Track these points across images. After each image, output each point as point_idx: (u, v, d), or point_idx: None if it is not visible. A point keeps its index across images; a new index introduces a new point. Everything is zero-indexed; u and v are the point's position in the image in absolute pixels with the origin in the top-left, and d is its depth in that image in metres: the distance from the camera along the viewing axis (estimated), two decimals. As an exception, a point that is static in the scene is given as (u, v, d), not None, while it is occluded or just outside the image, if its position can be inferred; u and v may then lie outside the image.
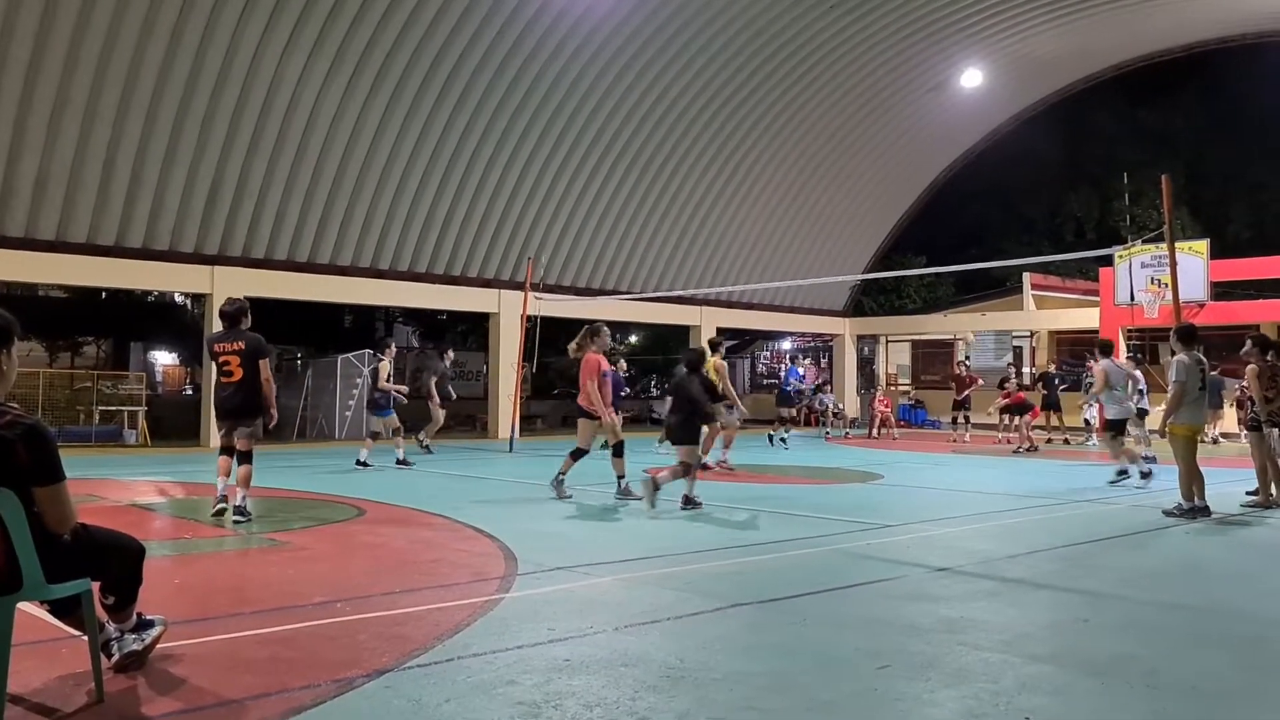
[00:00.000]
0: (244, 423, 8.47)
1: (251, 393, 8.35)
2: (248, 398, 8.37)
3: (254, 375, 8.32)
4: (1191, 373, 9.15)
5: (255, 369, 8.32)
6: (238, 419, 8.47)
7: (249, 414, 8.44)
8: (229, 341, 8.40)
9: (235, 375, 8.36)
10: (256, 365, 8.32)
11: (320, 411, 22.33)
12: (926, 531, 8.38)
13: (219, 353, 8.45)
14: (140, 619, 4.11)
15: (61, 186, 16.85)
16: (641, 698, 3.75)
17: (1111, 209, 38.81)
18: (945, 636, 4.69)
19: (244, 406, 8.41)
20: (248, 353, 8.32)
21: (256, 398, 8.37)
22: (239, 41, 16.97)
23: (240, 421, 8.48)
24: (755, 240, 27.02)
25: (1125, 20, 24.04)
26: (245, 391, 8.35)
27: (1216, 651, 4.57)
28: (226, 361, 8.40)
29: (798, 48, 22.58)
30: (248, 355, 8.32)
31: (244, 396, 8.37)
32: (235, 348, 8.35)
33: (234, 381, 8.38)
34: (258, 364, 8.32)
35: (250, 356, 8.32)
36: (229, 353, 8.38)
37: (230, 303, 8.64)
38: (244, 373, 8.33)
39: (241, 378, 8.34)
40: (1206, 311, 21.46)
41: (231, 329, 8.46)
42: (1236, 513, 9.48)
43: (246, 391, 8.35)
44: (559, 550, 7.05)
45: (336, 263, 20.51)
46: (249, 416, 8.46)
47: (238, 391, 8.39)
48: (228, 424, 8.59)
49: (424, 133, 19.89)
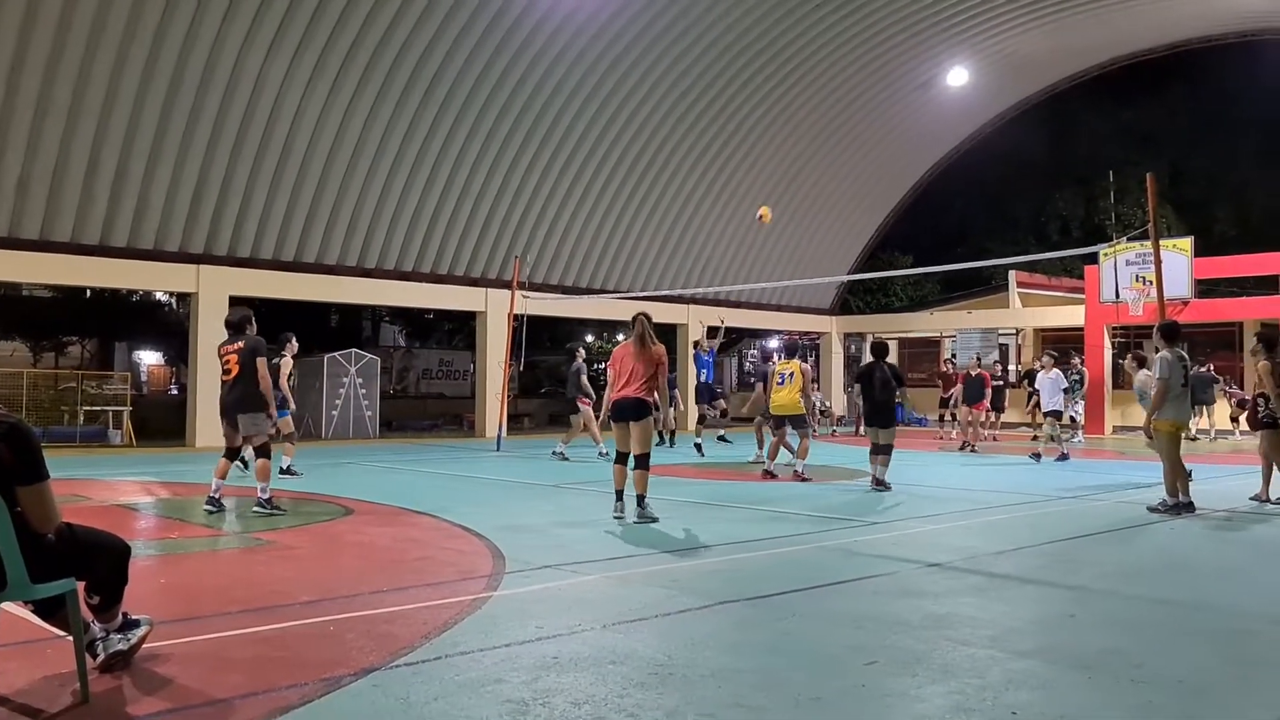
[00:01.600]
0: (242, 416, 8.78)
1: (248, 386, 8.70)
2: (245, 390, 8.72)
3: (251, 371, 8.70)
4: (1175, 369, 9.19)
5: (253, 365, 8.69)
6: (235, 412, 8.81)
7: (245, 407, 8.75)
8: (231, 344, 8.92)
9: (233, 372, 8.80)
10: (254, 362, 8.70)
11: (306, 411, 22.25)
12: (913, 528, 8.41)
13: (222, 355, 8.98)
14: (126, 619, 4.09)
15: (45, 185, 16.73)
16: (629, 695, 3.75)
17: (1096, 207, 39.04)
18: (933, 632, 4.71)
19: (240, 400, 8.75)
20: (246, 350, 8.77)
21: (253, 390, 8.69)
22: (223, 39, 16.87)
23: (238, 414, 8.79)
24: (742, 238, 27.05)
25: (1110, 19, 24.14)
26: (242, 385, 8.73)
27: (1202, 645, 4.60)
28: (227, 361, 8.88)
29: (783, 47, 22.60)
30: (246, 352, 8.76)
31: (241, 390, 8.74)
32: (235, 348, 8.85)
33: (231, 378, 8.83)
34: (255, 360, 8.71)
35: (249, 353, 8.75)
36: (230, 353, 8.88)
37: (234, 311, 9.24)
38: (241, 368, 8.74)
39: (238, 373, 8.75)
40: (1191, 309, 21.58)
41: (235, 336, 8.95)
42: (1221, 509, 9.54)
43: (243, 385, 8.72)
44: (547, 548, 7.05)
45: (322, 261, 20.43)
46: (245, 410, 8.76)
47: (234, 387, 8.80)
48: (227, 421, 8.96)
49: (410, 131, 19.83)
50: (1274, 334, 9.91)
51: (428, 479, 12.57)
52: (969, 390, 18.29)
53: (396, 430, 23.89)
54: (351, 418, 21.89)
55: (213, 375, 18.72)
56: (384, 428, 23.05)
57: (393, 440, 21.12)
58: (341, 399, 21.80)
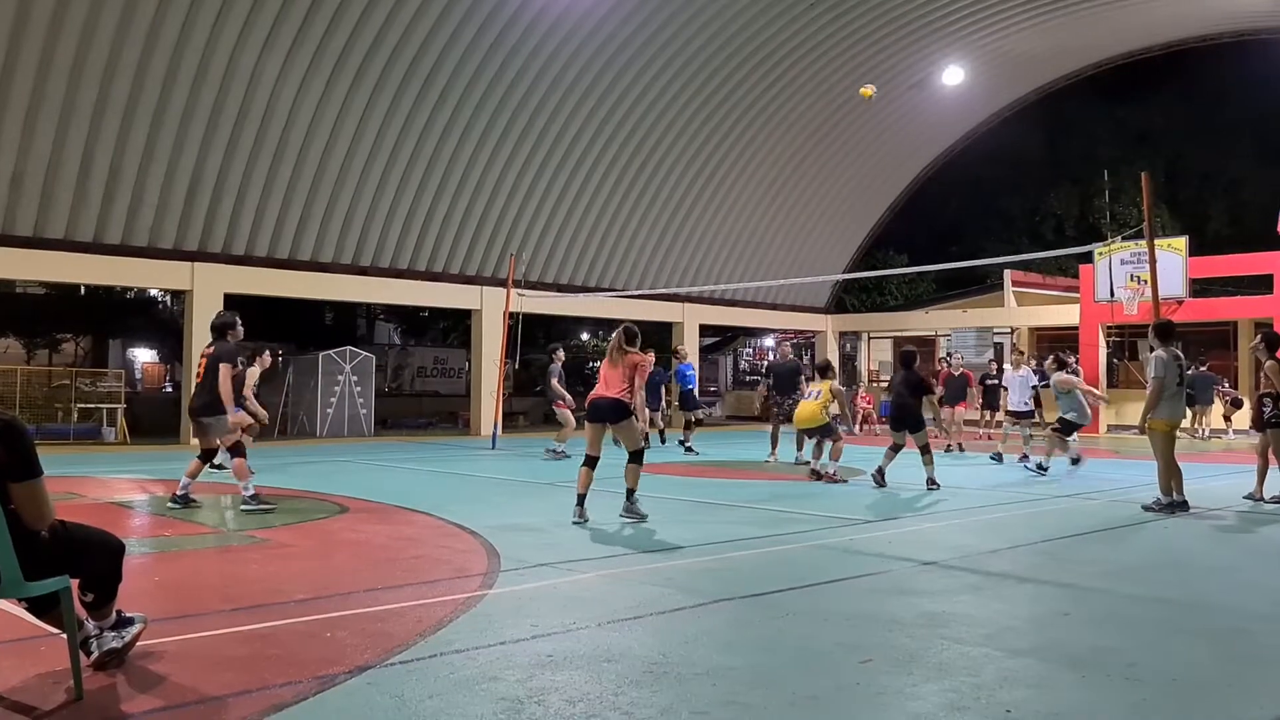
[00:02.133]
0: (203, 421, 9.06)
1: (207, 392, 8.95)
2: (204, 396, 8.99)
3: (213, 377, 8.91)
4: (1170, 368, 9.20)
5: (216, 371, 8.90)
6: (197, 417, 9.12)
7: (205, 412, 9.02)
8: (208, 348, 9.16)
9: (200, 378, 9.12)
10: (217, 368, 8.90)
11: (301, 409, 22.24)
12: (908, 527, 8.42)
13: (200, 358, 9.26)
14: (120, 616, 4.08)
15: (39, 182, 16.69)
16: (624, 693, 3.75)
17: (1091, 206, 39.11)
18: (927, 631, 4.71)
19: (200, 405, 9.05)
20: (213, 356, 8.99)
21: (211, 397, 8.91)
22: (217, 37, 16.84)
23: (199, 419, 9.10)
24: (737, 237, 27.06)
25: (1104, 18, 24.17)
26: (203, 391, 9.01)
27: (1196, 643, 4.61)
28: (200, 364, 9.20)
29: (778, 45, 22.60)
30: (212, 358, 8.98)
31: (202, 396, 9.04)
32: (208, 353, 9.09)
33: (199, 382, 9.14)
34: (218, 366, 8.91)
35: (214, 359, 8.96)
36: (203, 356, 9.16)
37: (219, 315, 9.39)
38: (205, 375, 9.01)
39: (203, 380, 9.04)
40: (1185, 308, 21.63)
41: (213, 339, 9.16)
42: (1215, 507, 9.56)
43: (204, 391, 8.99)
44: (541, 547, 7.04)
45: (317, 259, 20.40)
46: (206, 414, 8.99)
47: (199, 393, 9.14)
48: (194, 425, 9.36)
49: (405, 128, 19.81)
50: (1276, 334, 9.91)
51: (423, 477, 12.56)
52: (951, 390, 18.28)
53: (391, 428, 23.87)
54: (346, 416, 21.87)
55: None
56: (379, 426, 23.03)
57: (388, 438, 21.10)
58: (336, 397, 21.77)
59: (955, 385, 18.29)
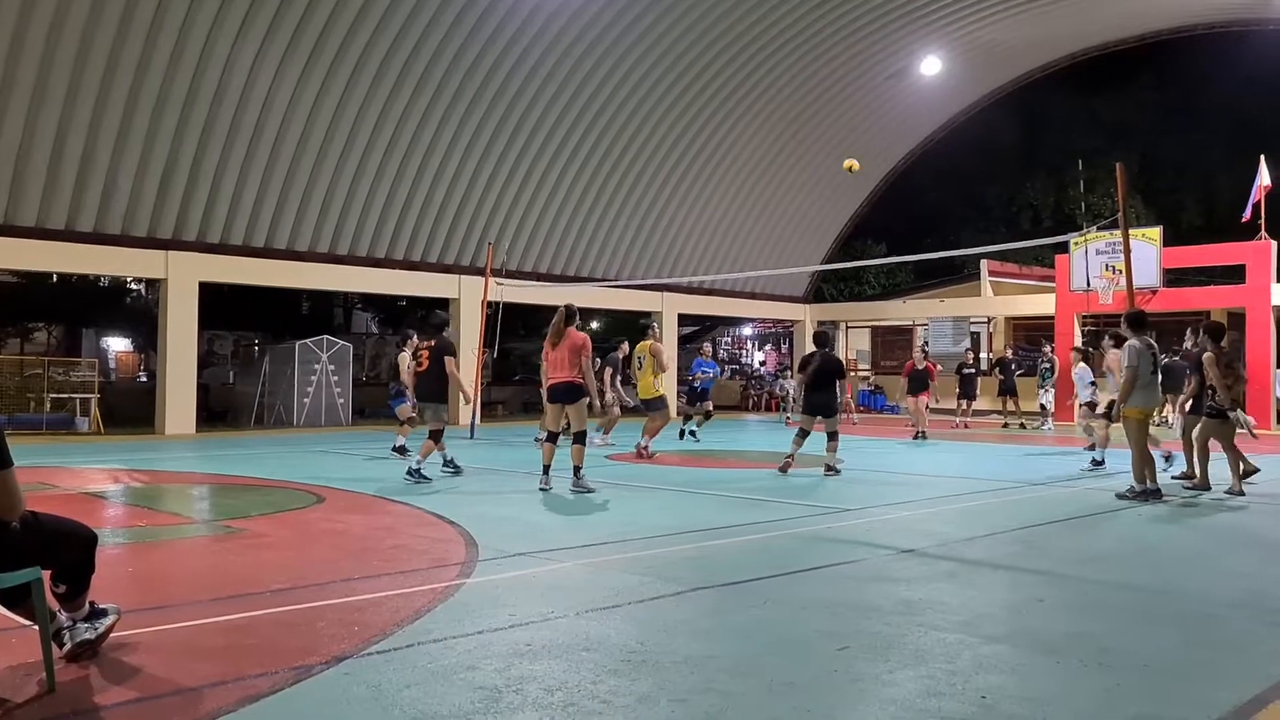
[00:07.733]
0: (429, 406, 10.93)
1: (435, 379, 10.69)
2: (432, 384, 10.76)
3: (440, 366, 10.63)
4: (1143, 357, 9.28)
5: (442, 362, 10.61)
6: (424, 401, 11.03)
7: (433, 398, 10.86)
8: (427, 342, 10.94)
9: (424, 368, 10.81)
10: (443, 359, 10.59)
11: (278, 398, 22.09)
12: (886, 515, 8.46)
13: (423, 351, 10.90)
14: (93, 607, 4.04)
15: (9, 169, 16.48)
16: (603, 681, 3.75)
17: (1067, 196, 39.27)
18: (904, 618, 4.74)
19: (429, 391, 10.86)
20: (436, 349, 10.72)
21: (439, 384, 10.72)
22: (192, 22, 16.65)
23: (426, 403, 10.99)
24: (716, 226, 27.07)
25: (1081, 9, 24.28)
26: (431, 379, 10.74)
27: (1168, 630, 4.66)
28: (424, 357, 10.84)
29: (756, 35, 22.58)
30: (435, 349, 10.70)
31: (430, 383, 10.80)
32: (430, 345, 10.80)
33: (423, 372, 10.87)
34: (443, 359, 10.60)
35: (438, 350, 10.67)
36: (425, 349, 10.82)
37: (435, 315, 11.76)
38: (430, 364, 10.67)
39: (428, 369, 10.72)
40: (1159, 298, 21.83)
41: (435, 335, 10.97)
42: (1188, 495, 9.66)
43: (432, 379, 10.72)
44: (520, 536, 7.04)
45: (293, 247, 20.25)
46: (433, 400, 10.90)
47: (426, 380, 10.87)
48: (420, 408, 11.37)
49: (382, 115, 19.67)
50: (1219, 325, 10.19)
51: (400, 466, 12.49)
52: (914, 381, 18.80)
53: (369, 417, 23.75)
54: (324, 405, 21.74)
55: (182, 362, 18.69)
56: (356, 415, 22.91)
57: (365, 427, 21.00)
58: (313, 386, 21.64)
59: (919, 377, 18.71)
